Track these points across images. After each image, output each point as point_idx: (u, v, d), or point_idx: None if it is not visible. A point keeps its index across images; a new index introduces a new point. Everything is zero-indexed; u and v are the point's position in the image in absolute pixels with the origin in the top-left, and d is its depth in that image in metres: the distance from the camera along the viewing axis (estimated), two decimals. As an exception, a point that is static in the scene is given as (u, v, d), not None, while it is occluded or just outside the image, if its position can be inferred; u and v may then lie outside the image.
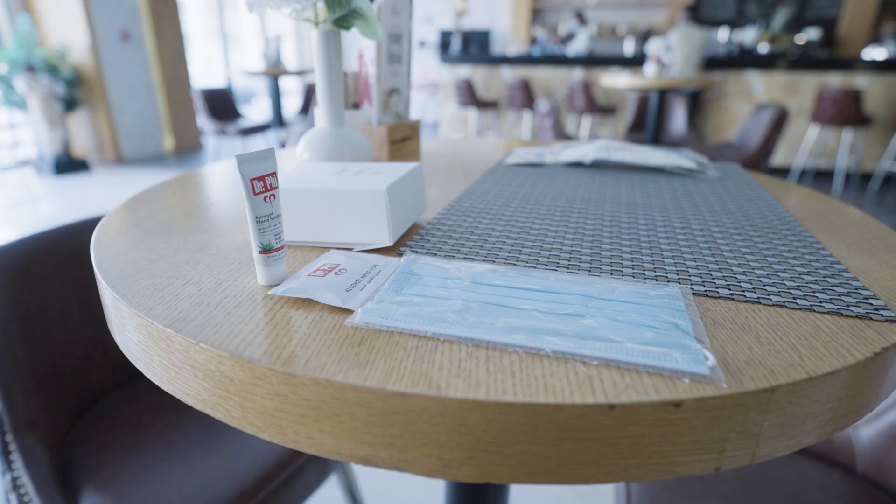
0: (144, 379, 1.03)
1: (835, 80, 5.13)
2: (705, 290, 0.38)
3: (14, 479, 0.82)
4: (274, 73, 4.15)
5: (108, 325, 0.42)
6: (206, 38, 9.21)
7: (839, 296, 0.38)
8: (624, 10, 7.94)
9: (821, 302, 0.37)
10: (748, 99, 5.42)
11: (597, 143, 0.83)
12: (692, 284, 0.39)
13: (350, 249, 0.46)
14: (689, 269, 0.42)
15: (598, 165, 0.80)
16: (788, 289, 0.39)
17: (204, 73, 9.20)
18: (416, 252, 0.45)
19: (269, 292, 0.37)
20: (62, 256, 0.96)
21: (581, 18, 6.84)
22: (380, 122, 0.84)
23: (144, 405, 0.97)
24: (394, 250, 0.46)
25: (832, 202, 0.65)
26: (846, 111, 4.58)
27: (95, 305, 0.98)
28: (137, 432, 0.90)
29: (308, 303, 0.36)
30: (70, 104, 5.41)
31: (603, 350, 0.30)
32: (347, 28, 0.62)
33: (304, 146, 0.66)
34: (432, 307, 0.34)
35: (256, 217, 0.36)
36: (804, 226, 0.55)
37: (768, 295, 0.38)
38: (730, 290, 0.39)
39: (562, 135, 3.61)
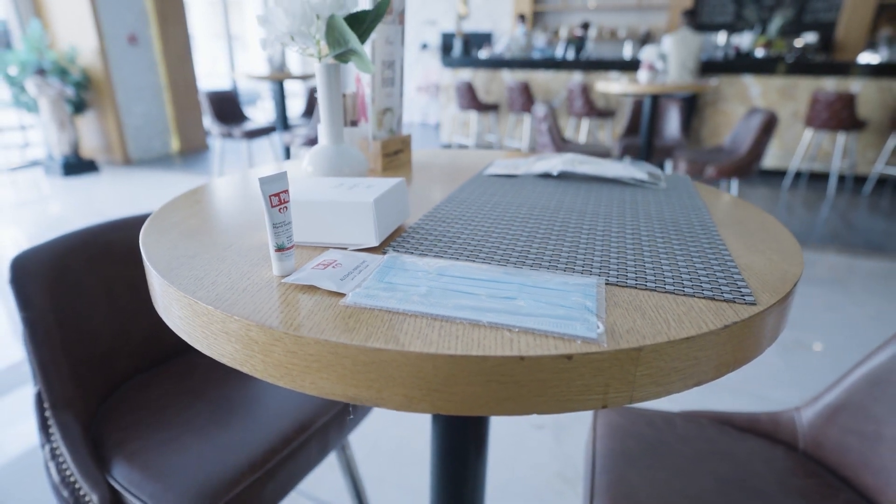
0: (161, 367, 1.15)
1: (830, 84, 5.22)
2: (617, 281, 0.50)
3: (53, 450, 0.94)
4: (278, 77, 4.26)
5: (155, 306, 0.53)
6: (211, 38, 9.30)
7: (720, 286, 0.49)
8: (624, 14, 8.04)
9: (703, 290, 0.48)
10: (745, 102, 5.52)
11: (564, 156, 0.95)
12: (608, 276, 0.51)
13: (344, 249, 0.57)
14: (611, 265, 0.53)
15: (564, 177, 0.92)
16: (682, 280, 0.50)
17: (209, 73, 9.29)
18: (398, 251, 0.57)
19: (282, 280, 0.49)
20: (91, 254, 1.06)
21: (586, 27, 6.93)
22: (375, 137, 0.95)
23: (162, 389, 1.08)
24: (380, 249, 0.57)
25: (754, 210, 0.77)
26: (840, 115, 4.68)
27: (119, 299, 1.10)
28: (158, 412, 1.01)
29: (312, 288, 0.48)
30: (79, 106, 5.54)
31: (524, 321, 0.41)
32: (346, 62, 0.73)
33: (309, 161, 0.77)
34: (404, 291, 0.46)
35: (273, 224, 0.48)
36: (720, 230, 0.66)
37: (665, 284, 0.49)
38: (636, 280, 0.50)
39: (559, 138, 3.72)
